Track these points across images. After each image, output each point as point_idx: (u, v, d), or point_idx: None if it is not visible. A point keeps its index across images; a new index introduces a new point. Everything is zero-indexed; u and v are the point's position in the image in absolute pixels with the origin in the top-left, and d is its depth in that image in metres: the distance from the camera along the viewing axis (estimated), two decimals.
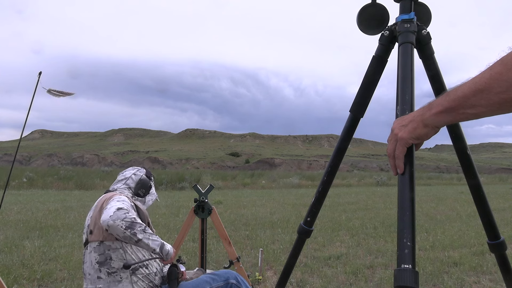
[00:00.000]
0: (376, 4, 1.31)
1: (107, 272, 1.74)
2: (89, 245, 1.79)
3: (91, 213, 1.86)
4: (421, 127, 0.75)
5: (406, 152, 0.80)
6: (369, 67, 1.29)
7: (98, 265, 1.74)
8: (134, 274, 1.77)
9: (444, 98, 0.71)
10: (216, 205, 9.39)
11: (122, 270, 1.74)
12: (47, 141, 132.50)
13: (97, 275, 1.75)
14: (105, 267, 1.74)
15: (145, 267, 1.81)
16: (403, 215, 0.84)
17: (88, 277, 1.78)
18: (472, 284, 3.62)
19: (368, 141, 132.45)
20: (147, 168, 2.22)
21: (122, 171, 2.19)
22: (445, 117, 0.71)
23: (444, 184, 23.62)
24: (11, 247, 4.72)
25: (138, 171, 2.13)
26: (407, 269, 0.78)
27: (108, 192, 1.99)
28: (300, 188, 17.96)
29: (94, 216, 1.81)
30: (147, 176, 2.13)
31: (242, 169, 62.45)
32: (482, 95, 0.64)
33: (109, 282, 1.74)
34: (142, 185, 2.06)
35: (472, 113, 0.67)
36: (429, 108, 0.74)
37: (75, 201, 10.23)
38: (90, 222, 1.82)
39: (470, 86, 0.66)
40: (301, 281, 3.63)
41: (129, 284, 1.75)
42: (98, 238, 1.76)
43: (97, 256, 1.75)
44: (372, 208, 9.54)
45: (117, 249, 1.75)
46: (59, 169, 26.15)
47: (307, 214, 1.46)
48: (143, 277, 1.79)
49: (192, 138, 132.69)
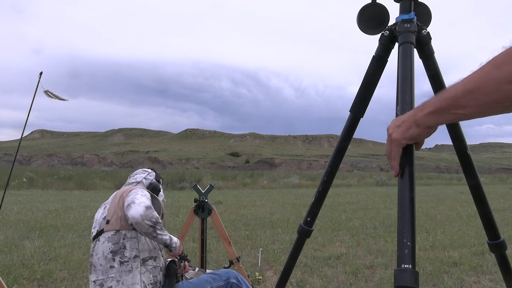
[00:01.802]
0: (376, 4, 1.31)
1: (120, 261, 1.76)
2: (102, 235, 1.82)
3: (108, 205, 1.90)
4: (413, 127, 0.74)
5: (402, 153, 0.79)
6: (369, 67, 1.30)
7: (111, 254, 1.77)
8: (144, 264, 1.80)
9: (436, 98, 0.70)
10: (216, 205, 9.40)
11: (133, 260, 1.78)
12: (47, 141, 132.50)
13: (110, 265, 1.77)
14: (118, 256, 1.77)
15: (153, 259, 1.83)
16: (403, 215, 0.84)
17: (99, 268, 1.79)
18: (472, 284, 3.62)
19: (368, 141, 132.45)
20: (156, 171, 2.24)
21: (132, 172, 2.21)
22: (436, 118, 0.70)
23: (444, 184, 23.63)
24: (11, 247, 4.72)
25: (149, 175, 2.16)
26: (407, 269, 0.78)
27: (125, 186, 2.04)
28: (300, 188, 17.96)
29: (113, 206, 1.85)
30: (156, 179, 2.16)
31: (242, 169, 62.46)
32: (472, 95, 0.63)
33: (120, 271, 1.76)
34: (152, 190, 2.09)
35: (463, 113, 0.66)
36: (421, 108, 0.73)
37: (75, 201, 10.23)
38: (107, 213, 1.85)
39: (461, 86, 0.65)
40: (301, 281, 3.63)
41: (138, 274, 1.77)
42: (115, 227, 1.79)
43: (111, 246, 1.78)
44: (372, 208, 9.54)
45: (132, 238, 1.79)
46: (59, 169, 26.15)
47: (307, 214, 1.46)
48: (150, 269, 1.82)
49: (192, 138, 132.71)
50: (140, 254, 1.79)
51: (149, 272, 1.80)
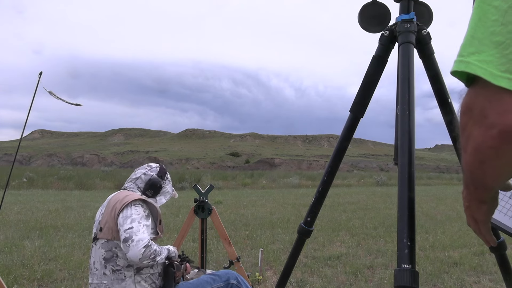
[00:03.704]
0: (377, 3, 1.31)
1: (112, 269, 1.76)
2: (98, 241, 1.82)
3: (103, 210, 1.88)
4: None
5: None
6: (369, 67, 1.30)
7: (104, 261, 1.77)
8: (138, 273, 1.78)
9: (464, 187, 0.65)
10: (216, 205, 9.39)
11: (126, 269, 1.76)
12: (47, 141, 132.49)
13: (103, 271, 1.77)
14: (110, 264, 1.76)
15: (150, 267, 1.82)
16: (403, 215, 0.85)
17: (95, 272, 1.79)
18: (472, 284, 3.62)
19: (368, 141, 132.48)
20: (162, 166, 2.12)
21: (137, 168, 2.13)
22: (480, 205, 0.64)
23: (444, 184, 23.61)
24: (11, 247, 4.72)
25: (149, 170, 2.05)
26: (407, 269, 0.78)
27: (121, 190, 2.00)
28: (300, 188, 17.96)
29: (106, 214, 1.83)
30: (159, 175, 2.05)
31: (242, 169, 62.46)
32: (471, 189, 0.59)
33: (112, 279, 1.75)
34: (150, 186, 2.00)
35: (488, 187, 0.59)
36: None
37: (75, 201, 10.23)
38: (101, 219, 1.84)
39: (463, 180, 0.62)
40: (301, 281, 3.63)
41: (132, 283, 1.76)
42: (107, 236, 1.78)
43: (104, 253, 1.77)
44: (372, 208, 9.53)
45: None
46: (59, 169, 26.17)
47: (307, 214, 1.46)
48: (146, 277, 1.80)
49: (192, 138, 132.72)
50: (134, 264, 1.76)
51: (145, 281, 1.79)
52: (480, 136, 0.47)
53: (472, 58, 0.46)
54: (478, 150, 0.48)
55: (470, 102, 0.48)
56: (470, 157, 0.51)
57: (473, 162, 0.51)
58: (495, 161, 0.48)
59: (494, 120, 0.45)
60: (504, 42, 0.44)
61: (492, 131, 0.45)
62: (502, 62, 0.44)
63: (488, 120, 0.45)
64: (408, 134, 1.00)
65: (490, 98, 0.45)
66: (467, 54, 0.47)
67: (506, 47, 0.44)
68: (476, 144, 0.48)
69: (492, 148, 0.46)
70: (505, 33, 0.44)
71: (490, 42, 0.45)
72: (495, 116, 0.45)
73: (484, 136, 0.46)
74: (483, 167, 0.50)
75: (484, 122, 0.46)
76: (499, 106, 0.44)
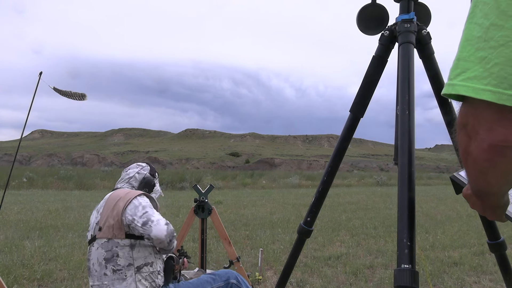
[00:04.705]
0: (376, 4, 1.31)
1: (113, 269, 1.75)
2: (96, 241, 1.79)
3: (101, 210, 1.85)
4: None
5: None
6: (369, 67, 1.30)
7: (104, 261, 1.75)
8: (139, 272, 1.77)
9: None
10: (216, 205, 9.39)
11: (127, 268, 1.75)
12: (47, 141, 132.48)
13: (103, 272, 1.75)
14: (111, 264, 1.75)
15: (150, 265, 1.81)
16: (403, 215, 0.85)
17: (94, 273, 1.78)
18: (472, 284, 3.62)
19: (368, 141, 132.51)
20: (151, 165, 2.17)
21: (126, 167, 2.14)
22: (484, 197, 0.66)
23: (444, 184, 23.59)
24: (11, 247, 4.72)
25: (142, 169, 2.08)
26: (407, 269, 0.78)
27: (116, 189, 1.98)
28: (300, 188, 17.96)
29: (105, 213, 1.80)
30: (151, 174, 2.10)
31: (242, 169, 62.44)
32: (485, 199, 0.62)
33: (113, 279, 1.74)
34: (145, 184, 2.04)
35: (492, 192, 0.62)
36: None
37: (75, 201, 10.23)
38: (100, 219, 1.81)
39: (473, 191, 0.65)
40: (301, 281, 3.63)
41: (133, 282, 1.75)
42: (107, 235, 1.76)
43: (104, 253, 1.76)
44: (372, 208, 9.53)
45: (125, 247, 1.76)
46: (59, 169, 26.16)
47: (307, 214, 1.46)
48: (147, 276, 1.79)
49: (192, 138, 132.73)
50: (135, 262, 1.76)
51: (145, 279, 1.78)
52: (475, 150, 0.51)
53: (458, 79, 0.49)
54: (476, 163, 0.52)
55: (462, 120, 0.52)
56: (472, 169, 0.55)
57: (475, 173, 0.55)
58: (493, 172, 0.52)
59: (483, 136, 0.49)
60: (486, 57, 0.47)
61: (483, 145, 0.49)
62: (485, 76, 0.46)
63: (479, 136, 0.49)
64: (408, 134, 1.01)
65: (478, 116, 0.49)
66: (453, 76, 0.51)
67: (488, 62, 0.46)
68: (473, 158, 0.52)
69: (487, 161, 0.50)
70: (487, 48, 0.47)
71: (475, 58, 0.48)
72: (484, 132, 0.48)
73: (478, 150, 0.50)
74: (485, 178, 0.54)
75: (477, 137, 0.50)
76: (485, 124, 0.48)
